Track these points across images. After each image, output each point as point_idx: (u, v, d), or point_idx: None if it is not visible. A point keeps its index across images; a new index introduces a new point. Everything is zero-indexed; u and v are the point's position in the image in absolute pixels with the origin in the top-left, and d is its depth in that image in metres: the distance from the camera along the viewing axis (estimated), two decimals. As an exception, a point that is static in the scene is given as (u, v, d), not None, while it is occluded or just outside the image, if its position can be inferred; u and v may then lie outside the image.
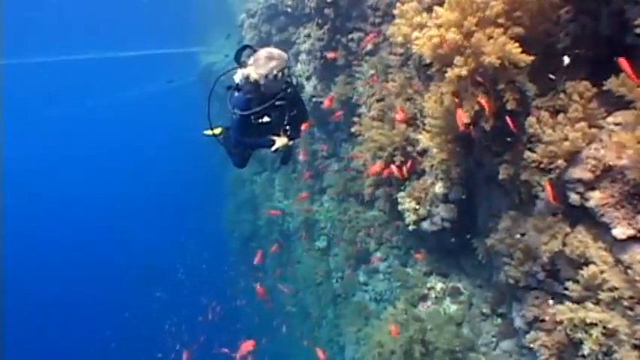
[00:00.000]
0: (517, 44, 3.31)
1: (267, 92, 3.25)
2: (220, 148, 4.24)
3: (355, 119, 7.58)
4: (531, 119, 3.56)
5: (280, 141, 3.54)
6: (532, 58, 3.30)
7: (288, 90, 3.33)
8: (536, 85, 3.68)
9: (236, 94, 3.40)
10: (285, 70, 3.23)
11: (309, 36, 10.63)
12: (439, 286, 7.59)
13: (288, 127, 3.58)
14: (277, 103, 3.34)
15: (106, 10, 21.94)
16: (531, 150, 3.73)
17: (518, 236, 4.22)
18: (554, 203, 3.57)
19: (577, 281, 3.56)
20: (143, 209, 30.69)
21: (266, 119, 3.44)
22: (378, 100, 7.23)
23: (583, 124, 3.29)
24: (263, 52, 3.21)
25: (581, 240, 3.49)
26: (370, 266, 9.27)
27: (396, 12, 5.85)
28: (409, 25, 5.67)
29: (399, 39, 5.89)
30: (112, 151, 40.12)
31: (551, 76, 3.56)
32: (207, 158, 22.05)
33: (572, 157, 3.37)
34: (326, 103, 7.61)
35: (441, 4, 4.10)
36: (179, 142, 35.28)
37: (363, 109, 8.39)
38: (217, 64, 19.08)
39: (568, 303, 3.59)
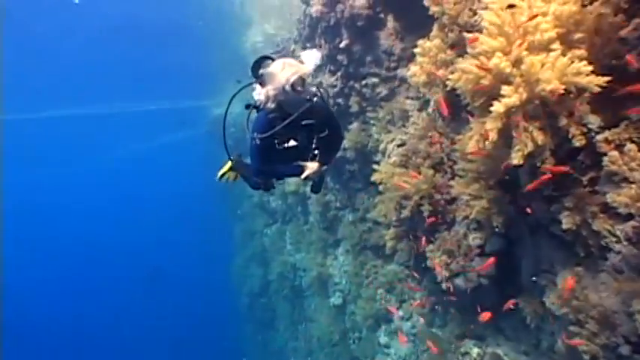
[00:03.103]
0: (586, 63, 2.77)
1: (292, 110, 2.66)
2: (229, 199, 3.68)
3: (374, 166, 7.04)
4: (613, 154, 2.91)
5: (311, 167, 2.92)
6: (607, 79, 2.74)
7: (314, 99, 2.70)
8: (600, 115, 3.13)
9: (256, 114, 2.86)
10: (305, 77, 2.66)
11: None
12: (475, 351, 6.71)
13: (316, 152, 2.97)
14: (304, 122, 2.74)
15: (112, 64, 22.35)
16: (598, 192, 3.10)
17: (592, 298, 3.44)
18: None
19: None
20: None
21: (292, 143, 2.86)
22: (399, 145, 6.73)
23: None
24: (277, 63, 2.68)
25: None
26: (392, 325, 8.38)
27: (417, 50, 5.51)
28: (433, 63, 5.32)
29: (422, 78, 5.50)
30: (117, 205, 40.27)
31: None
32: (216, 210, 21.76)
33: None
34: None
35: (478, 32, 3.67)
36: (186, 194, 35.40)
37: (380, 157, 7.90)
38: (228, 114, 19.17)
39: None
